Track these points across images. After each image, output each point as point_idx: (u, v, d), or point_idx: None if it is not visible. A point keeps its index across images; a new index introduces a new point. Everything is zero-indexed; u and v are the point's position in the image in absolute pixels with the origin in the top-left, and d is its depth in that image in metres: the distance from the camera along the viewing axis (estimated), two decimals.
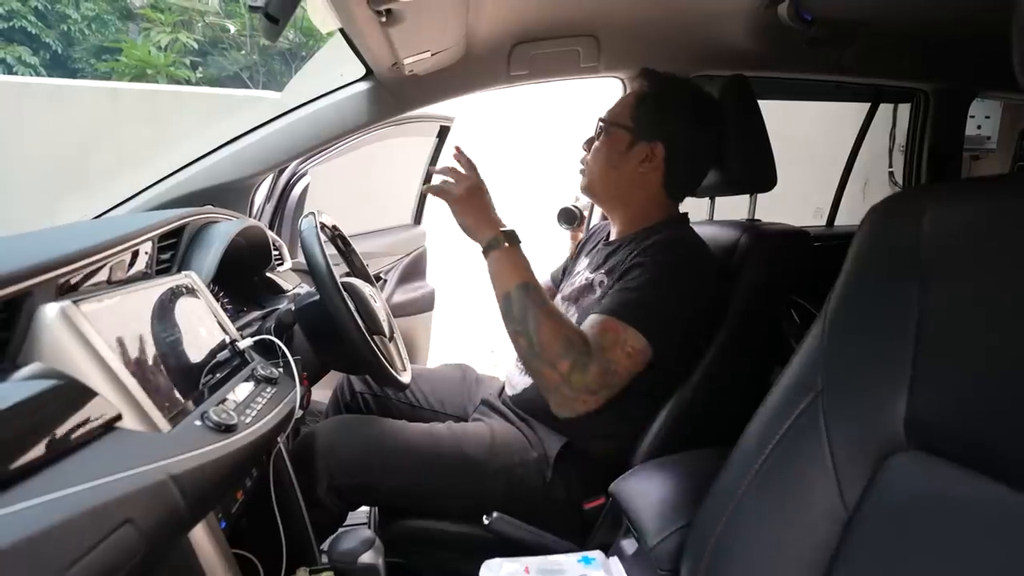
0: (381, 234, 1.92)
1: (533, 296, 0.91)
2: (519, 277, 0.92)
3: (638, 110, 1.05)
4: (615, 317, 0.91)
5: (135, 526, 0.44)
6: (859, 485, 0.54)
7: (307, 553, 0.88)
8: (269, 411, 0.69)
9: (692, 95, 1.08)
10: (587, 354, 0.89)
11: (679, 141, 1.05)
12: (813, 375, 0.60)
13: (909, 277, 0.54)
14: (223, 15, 10.26)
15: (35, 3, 9.11)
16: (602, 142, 1.08)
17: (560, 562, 0.81)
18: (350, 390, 1.21)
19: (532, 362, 0.92)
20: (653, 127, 1.04)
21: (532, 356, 0.91)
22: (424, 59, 1.06)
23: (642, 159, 1.05)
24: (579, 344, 0.89)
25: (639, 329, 0.90)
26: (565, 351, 0.88)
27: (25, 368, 0.49)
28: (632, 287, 0.94)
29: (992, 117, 2.85)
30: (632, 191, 1.07)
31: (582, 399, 0.90)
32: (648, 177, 1.06)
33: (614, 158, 1.06)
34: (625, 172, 1.06)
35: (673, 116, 1.05)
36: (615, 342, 0.90)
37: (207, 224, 0.91)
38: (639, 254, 0.97)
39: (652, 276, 0.94)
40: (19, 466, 0.41)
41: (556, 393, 0.91)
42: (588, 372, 0.88)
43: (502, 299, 0.93)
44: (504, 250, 0.93)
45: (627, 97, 1.09)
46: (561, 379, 0.89)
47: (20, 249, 0.62)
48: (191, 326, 0.72)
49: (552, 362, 0.89)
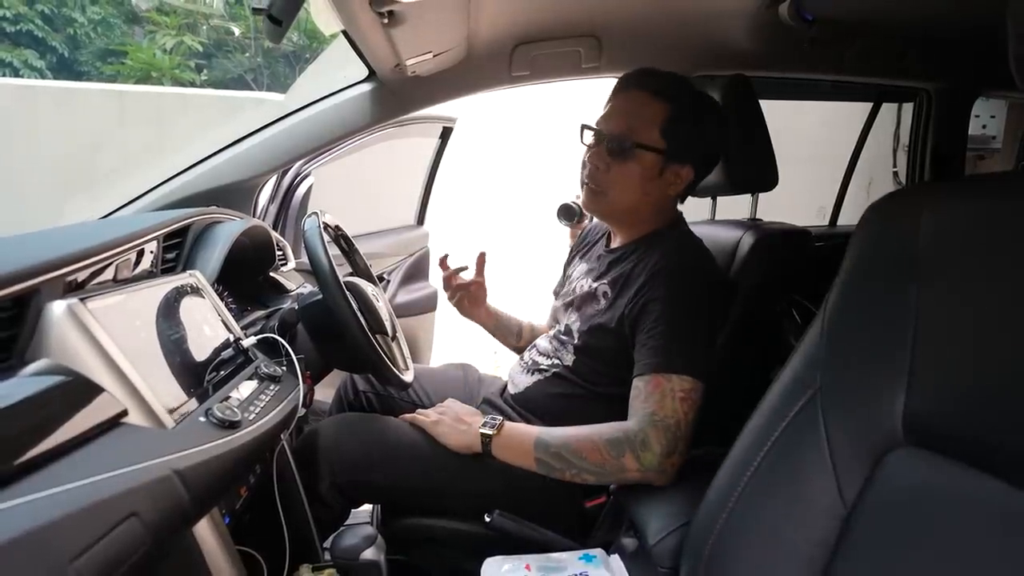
0: (384, 234, 1.92)
1: (551, 440, 0.90)
2: (528, 442, 0.91)
3: (669, 129, 0.96)
4: (655, 374, 0.88)
5: (140, 519, 0.45)
6: (858, 482, 0.55)
7: (310, 550, 0.89)
8: (272, 408, 0.70)
9: (710, 105, 1.03)
10: (638, 433, 0.86)
11: (705, 159, 1.02)
12: (812, 373, 0.60)
13: (906, 275, 0.55)
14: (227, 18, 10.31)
15: (42, 7, 9.17)
16: (629, 166, 0.97)
17: (561, 560, 0.82)
18: (353, 389, 1.22)
19: (608, 479, 0.90)
20: (685, 148, 0.97)
21: (604, 477, 0.89)
22: (426, 60, 1.07)
23: (671, 182, 1.00)
24: (622, 434, 0.87)
25: (681, 372, 0.88)
26: (618, 451, 0.86)
27: (33, 364, 0.50)
28: (657, 333, 0.90)
29: (997, 116, 2.83)
30: (648, 208, 1.02)
31: (667, 465, 0.86)
32: (666, 192, 1.02)
33: (646, 184, 0.98)
34: (653, 196, 1.00)
35: (705, 133, 0.99)
36: (662, 397, 0.87)
37: (212, 224, 0.92)
38: (648, 282, 0.94)
39: (673, 311, 0.91)
40: (27, 460, 0.42)
41: (647, 480, 0.87)
42: (651, 446, 0.85)
43: (537, 467, 0.91)
44: (498, 436, 0.93)
45: (648, 111, 0.97)
46: (639, 471, 0.86)
47: (28, 248, 0.63)
48: (195, 324, 0.73)
49: (620, 468, 0.87)
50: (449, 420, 0.98)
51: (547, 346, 1.10)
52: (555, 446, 0.90)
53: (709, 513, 0.67)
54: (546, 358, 1.08)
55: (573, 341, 1.03)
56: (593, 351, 1.01)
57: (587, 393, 1.01)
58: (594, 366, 1.01)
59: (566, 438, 0.90)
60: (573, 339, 1.03)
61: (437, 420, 0.99)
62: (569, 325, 1.06)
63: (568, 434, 0.91)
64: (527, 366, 1.11)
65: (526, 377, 1.09)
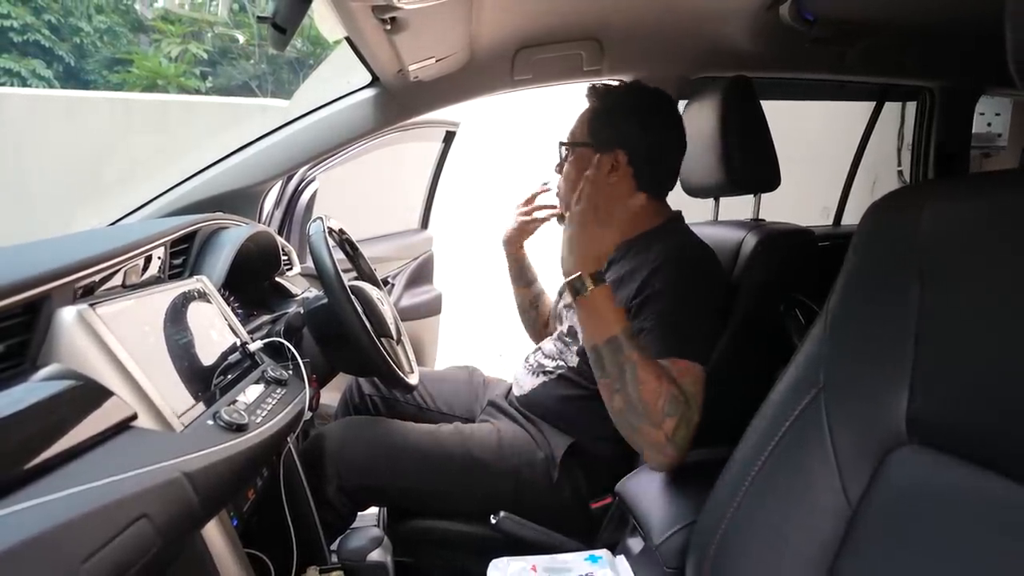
0: (389, 238, 1.93)
1: (630, 346, 0.81)
2: (616, 322, 0.82)
3: (592, 124, 1.06)
4: (680, 358, 0.85)
5: (150, 521, 0.45)
6: (862, 480, 0.55)
7: (317, 552, 0.90)
8: (279, 412, 0.70)
9: (637, 95, 1.07)
10: (690, 407, 0.82)
11: (636, 142, 1.03)
12: (815, 372, 0.60)
13: (908, 273, 0.55)
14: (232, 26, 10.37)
15: (49, 17, 9.28)
16: (569, 164, 1.07)
17: (567, 561, 0.82)
18: (359, 392, 1.23)
19: (630, 419, 0.82)
20: (609, 137, 1.03)
21: (632, 414, 0.82)
22: (429, 65, 1.08)
23: (609, 170, 1.02)
24: (681, 398, 0.81)
25: (693, 359, 0.86)
26: (672, 408, 0.80)
27: (44, 369, 0.51)
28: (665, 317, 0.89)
29: (1003, 114, 2.81)
30: (611, 204, 0.98)
31: (681, 456, 0.82)
32: (621, 186, 1.04)
33: (598, 181, 0.97)
34: (620, 191, 1.04)
35: (625, 120, 1.04)
36: (694, 386, 0.84)
37: (218, 230, 0.93)
38: (651, 275, 0.94)
39: (676, 299, 0.91)
40: (39, 463, 0.42)
41: (655, 450, 0.82)
42: (691, 426, 0.81)
43: (598, 346, 0.83)
44: (594, 292, 0.83)
45: (581, 116, 1.09)
46: (665, 439, 0.80)
47: (38, 255, 0.64)
48: (203, 329, 0.74)
49: (657, 422, 0.80)
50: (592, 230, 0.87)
51: (552, 348, 1.10)
52: (626, 356, 0.81)
53: (714, 513, 0.67)
54: (551, 360, 1.09)
55: (577, 342, 1.04)
56: None
57: (593, 394, 1.01)
58: None
59: (639, 360, 0.81)
60: (577, 340, 1.04)
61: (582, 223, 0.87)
62: (572, 326, 1.06)
63: (641, 359, 0.82)
64: (532, 368, 1.12)
65: (531, 379, 1.10)
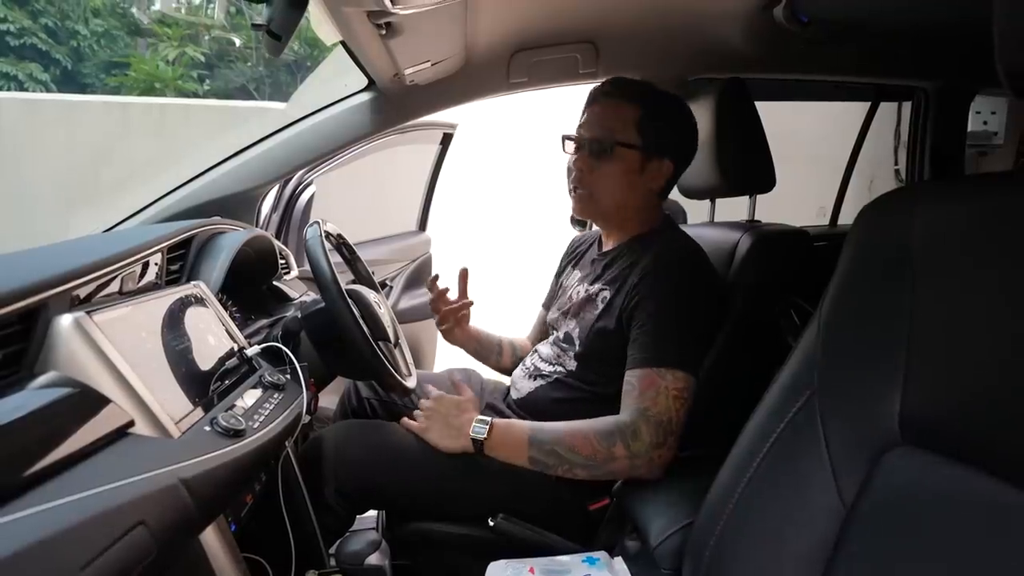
0: (386, 241, 1.94)
1: (544, 437, 0.91)
2: (522, 441, 0.92)
3: (643, 126, 1.01)
4: (648, 367, 0.91)
5: (147, 528, 0.46)
6: (856, 481, 0.55)
7: (315, 556, 0.90)
8: (276, 416, 0.71)
9: (677, 103, 1.07)
10: (631, 425, 0.88)
11: (686, 153, 1.06)
12: (809, 374, 0.61)
13: (901, 275, 0.55)
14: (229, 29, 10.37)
15: (45, 20, 9.26)
16: (612, 164, 1.01)
17: (565, 562, 0.82)
18: (357, 396, 1.23)
19: (599, 472, 0.90)
20: (661, 143, 1.02)
21: (594, 469, 0.90)
22: (424, 69, 1.08)
23: (653, 177, 1.03)
24: (614, 425, 0.89)
25: (674, 367, 0.90)
26: (609, 441, 0.88)
27: (41, 377, 0.51)
28: (650, 327, 0.93)
29: (998, 113, 2.82)
30: (635, 206, 1.06)
31: (655, 456, 0.88)
32: (650, 189, 1.05)
33: (630, 181, 1.02)
34: (639, 192, 1.04)
35: (676, 130, 1.04)
36: (656, 394, 0.89)
37: (215, 235, 0.94)
38: (642, 280, 0.96)
39: (665, 306, 0.93)
40: (37, 471, 0.42)
41: (635, 470, 0.89)
42: (642, 436, 0.88)
43: (531, 465, 0.92)
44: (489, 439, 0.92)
45: (623, 112, 1.02)
46: (628, 459, 0.88)
47: (35, 263, 0.64)
48: (200, 334, 0.74)
49: (610, 458, 0.88)
50: (438, 426, 0.97)
51: (549, 352, 1.10)
52: (549, 443, 0.91)
53: (710, 514, 0.67)
54: (548, 364, 1.09)
55: (574, 348, 1.04)
56: (596, 355, 1.01)
57: (590, 395, 1.02)
58: (598, 369, 1.01)
59: (559, 434, 0.91)
60: (574, 346, 1.04)
61: (426, 427, 0.98)
62: (569, 332, 1.06)
63: (561, 430, 0.91)
64: (529, 371, 1.12)
65: (529, 382, 1.10)
